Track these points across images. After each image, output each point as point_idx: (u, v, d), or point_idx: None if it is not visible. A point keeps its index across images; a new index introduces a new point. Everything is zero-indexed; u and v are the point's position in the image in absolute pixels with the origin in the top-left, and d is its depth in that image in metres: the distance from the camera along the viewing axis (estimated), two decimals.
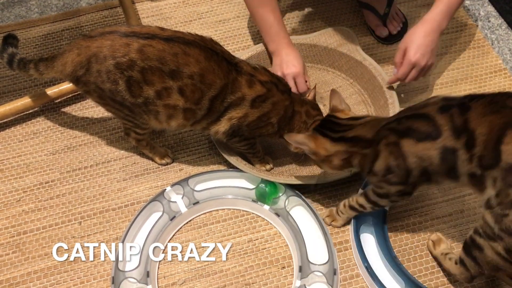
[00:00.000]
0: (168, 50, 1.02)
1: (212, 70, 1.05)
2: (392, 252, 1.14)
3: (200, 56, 1.04)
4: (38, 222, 1.26)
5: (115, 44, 1.02)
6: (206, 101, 1.08)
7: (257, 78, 1.12)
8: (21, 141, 1.41)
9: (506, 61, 1.58)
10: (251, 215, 1.26)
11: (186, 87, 1.05)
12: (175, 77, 1.04)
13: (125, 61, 1.02)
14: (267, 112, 1.14)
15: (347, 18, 1.68)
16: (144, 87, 1.04)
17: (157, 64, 1.02)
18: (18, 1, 1.77)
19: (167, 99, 1.06)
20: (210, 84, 1.06)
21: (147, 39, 1.02)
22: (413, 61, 1.25)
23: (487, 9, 1.73)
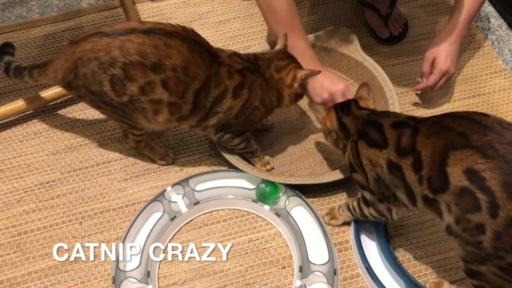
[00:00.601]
0: (148, 43, 1.01)
1: (195, 62, 1.04)
2: (393, 253, 1.14)
3: (183, 47, 1.03)
4: (38, 222, 1.26)
5: (97, 45, 1.02)
6: (191, 95, 1.07)
7: (234, 68, 1.11)
8: (22, 141, 1.41)
9: (506, 61, 1.58)
10: (251, 215, 1.26)
11: (169, 80, 1.04)
12: (157, 70, 1.02)
13: (106, 60, 1.02)
14: (247, 98, 1.13)
15: (348, 19, 1.68)
16: (127, 84, 1.04)
17: (138, 58, 1.01)
18: (19, 2, 1.77)
19: (151, 94, 1.05)
20: (193, 77, 1.05)
21: (127, 34, 1.02)
22: (445, 69, 1.32)
23: (487, 10, 1.73)
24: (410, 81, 1.52)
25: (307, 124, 1.42)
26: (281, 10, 1.25)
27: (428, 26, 1.66)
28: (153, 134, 1.40)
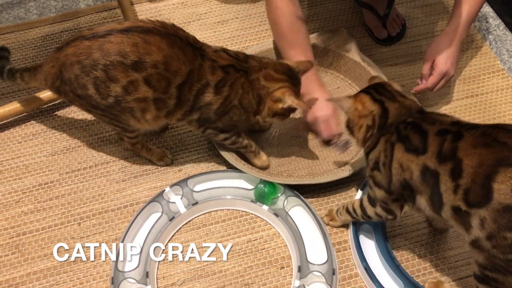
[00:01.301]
0: (127, 42, 1.01)
1: (176, 57, 1.04)
2: (391, 253, 1.15)
3: (162, 43, 1.03)
4: (37, 223, 1.26)
5: (78, 49, 1.03)
6: (174, 89, 1.07)
7: (218, 64, 1.10)
8: (20, 142, 1.41)
9: (503, 61, 1.59)
10: (250, 216, 1.26)
11: (152, 77, 1.04)
12: (138, 68, 1.02)
13: (88, 63, 1.02)
14: (227, 96, 1.12)
15: (346, 19, 1.69)
16: (111, 85, 1.04)
17: (118, 58, 1.01)
18: (17, 3, 1.77)
19: (135, 93, 1.05)
20: (175, 72, 1.05)
21: (106, 35, 1.02)
22: (445, 71, 1.32)
23: (485, 10, 1.74)
24: (408, 81, 1.52)
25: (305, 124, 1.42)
26: (283, 24, 1.27)
27: (426, 26, 1.67)
28: (151, 135, 1.41)
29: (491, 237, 0.85)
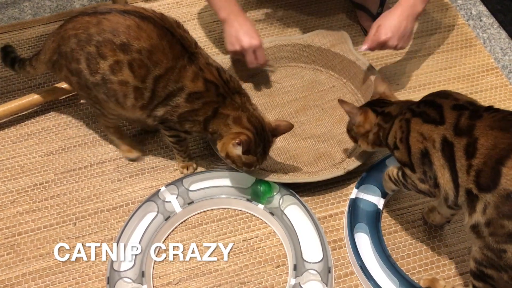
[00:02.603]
0: (122, 22, 1.04)
1: (162, 49, 1.06)
2: (386, 251, 1.15)
3: (153, 33, 1.05)
4: (32, 223, 1.25)
5: (78, 24, 1.07)
6: (151, 80, 1.08)
7: (204, 75, 1.10)
8: (15, 143, 1.40)
9: (497, 59, 1.59)
10: (245, 215, 1.26)
11: (135, 62, 1.06)
12: (125, 50, 1.04)
13: (84, 37, 1.06)
14: (196, 109, 1.12)
15: (341, 19, 1.69)
16: (100, 62, 1.06)
17: (109, 36, 1.04)
18: (12, 3, 1.76)
19: (119, 74, 1.07)
20: (156, 62, 1.06)
21: (105, 13, 1.06)
22: (381, 41, 1.28)
23: (479, 9, 1.74)
24: (403, 79, 1.53)
25: (300, 123, 1.43)
26: None
27: (420, 25, 1.67)
28: (144, 133, 1.41)
29: (489, 224, 0.85)
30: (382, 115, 1.10)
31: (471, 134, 0.87)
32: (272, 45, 1.51)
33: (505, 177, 0.81)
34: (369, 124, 1.12)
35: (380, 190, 1.24)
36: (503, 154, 0.82)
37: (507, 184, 0.81)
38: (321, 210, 1.26)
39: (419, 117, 0.97)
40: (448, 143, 0.90)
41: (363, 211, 1.21)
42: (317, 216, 1.24)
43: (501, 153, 0.82)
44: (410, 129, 0.97)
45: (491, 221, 0.84)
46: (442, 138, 0.91)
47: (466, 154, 0.87)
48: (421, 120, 0.96)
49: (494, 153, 0.83)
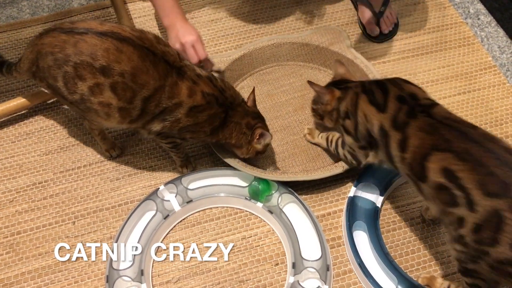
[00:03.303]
0: (100, 45, 1.02)
1: (146, 71, 1.04)
2: (385, 249, 1.15)
3: (133, 55, 1.03)
4: (31, 223, 1.26)
5: (55, 41, 1.05)
6: (139, 101, 1.07)
7: (200, 88, 1.10)
8: (14, 142, 1.41)
9: (495, 58, 1.60)
10: (244, 213, 1.26)
11: (118, 85, 1.04)
12: (106, 73, 1.03)
13: (61, 57, 1.04)
14: (201, 122, 1.14)
15: (339, 17, 1.69)
16: (78, 83, 1.05)
17: (88, 59, 1.02)
18: (10, 2, 1.76)
19: (100, 96, 1.06)
20: (142, 84, 1.05)
21: (82, 34, 1.03)
22: None
23: (477, 7, 1.75)
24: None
25: (299, 122, 1.43)
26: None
27: (418, 23, 1.67)
28: None
29: (443, 213, 0.95)
30: (343, 90, 1.18)
31: (404, 131, 0.98)
32: (270, 44, 1.51)
33: (431, 171, 0.92)
34: (335, 100, 1.18)
35: (378, 189, 1.24)
36: (427, 152, 0.94)
37: (434, 177, 0.92)
38: (320, 208, 1.26)
39: (366, 95, 1.08)
40: (384, 132, 1.02)
41: (362, 209, 1.21)
42: (316, 214, 1.25)
43: (425, 152, 0.94)
44: (357, 106, 1.08)
45: (442, 211, 0.94)
46: (380, 126, 1.03)
47: (399, 147, 0.99)
48: (367, 99, 1.07)
49: (420, 151, 0.95)
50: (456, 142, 0.92)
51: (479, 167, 0.88)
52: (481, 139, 0.92)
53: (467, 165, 0.88)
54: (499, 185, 0.86)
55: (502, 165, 0.87)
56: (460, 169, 0.89)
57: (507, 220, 0.83)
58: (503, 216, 0.84)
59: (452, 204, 0.90)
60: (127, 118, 1.11)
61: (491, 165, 0.87)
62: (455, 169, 0.89)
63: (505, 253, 0.85)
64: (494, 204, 0.85)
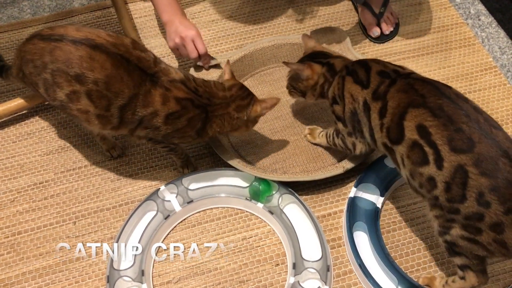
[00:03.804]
0: (74, 52, 1.02)
1: (120, 79, 1.03)
2: (385, 249, 1.15)
3: (106, 63, 1.02)
4: (32, 223, 1.26)
5: (34, 48, 1.05)
6: (116, 110, 1.06)
7: (173, 94, 1.09)
8: (15, 142, 1.41)
9: (496, 58, 1.60)
10: (245, 213, 1.27)
11: (93, 93, 1.03)
12: (80, 81, 1.02)
13: (39, 64, 1.04)
14: (182, 128, 1.13)
15: (339, 17, 1.69)
16: (56, 90, 1.05)
17: (63, 67, 1.02)
18: (11, 2, 1.77)
19: (77, 103, 1.05)
20: (117, 93, 1.04)
21: (57, 41, 1.03)
22: None
23: (477, 8, 1.75)
24: None
25: (299, 122, 1.43)
26: None
27: (418, 24, 1.68)
28: None
29: (412, 176, 0.97)
30: (327, 66, 1.19)
31: (384, 98, 1.02)
32: (271, 45, 1.51)
33: (407, 129, 0.96)
34: (317, 75, 1.20)
35: (378, 189, 1.24)
36: (404, 111, 0.97)
37: (409, 134, 0.95)
38: (320, 209, 1.27)
39: (351, 76, 1.11)
40: (367, 106, 1.05)
41: (362, 210, 1.21)
42: (316, 215, 1.25)
43: (402, 110, 0.97)
44: (344, 88, 1.11)
45: (412, 172, 0.97)
46: (364, 101, 1.06)
47: (379, 115, 1.02)
48: (352, 80, 1.10)
49: (398, 111, 0.98)
50: (431, 97, 0.96)
51: (449, 123, 0.91)
52: (453, 97, 0.96)
53: (439, 121, 0.92)
54: (465, 141, 0.89)
55: (470, 122, 0.91)
56: (432, 124, 0.93)
57: (470, 175, 0.88)
58: (467, 171, 0.88)
59: (423, 163, 0.94)
60: (108, 125, 1.10)
61: (460, 121, 0.91)
62: (427, 125, 0.93)
63: (471, 207, 0.89)
64: (459, 159, 0.89)
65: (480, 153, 0.88)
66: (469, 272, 0.99)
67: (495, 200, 0.86)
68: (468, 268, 0.99)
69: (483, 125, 0.90)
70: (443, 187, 0.92)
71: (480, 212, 0.88)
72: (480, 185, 0.87)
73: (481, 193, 0.87)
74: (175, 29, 1.31)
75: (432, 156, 0.92)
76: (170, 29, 1.32)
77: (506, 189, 0.86)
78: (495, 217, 0.87)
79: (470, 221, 0.90)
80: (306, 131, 1.37)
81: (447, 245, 0.99)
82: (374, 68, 1.08)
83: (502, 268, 1.16)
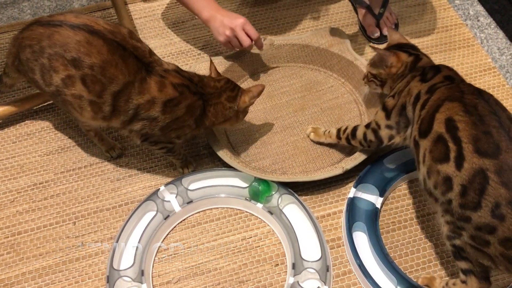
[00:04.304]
0: (72, 37, 1.03)
1: (114, 64, 1.04)
2: (384, 249, 1.16)
3: (103, 48, 1.04)
4: (32, 223, 1.26)
5: (33, 34, 1.07)
6: (109, 96, 1.07)
7: (169, 80, 1.10)
8: (15, 142, 1.41)
9: (495, 59, 1.60)
10: (244, 214, 1.27)
11: (87, 78, 1.05)
12: (76, 65, 1.04)
13: (37, 48, 1.05)
14: (181, 116, 1.13)
15: (339, 18, 1.70)
16: (53, 75, 1.06)
17: (60, 51, 1.03)
18: (11, 3, 1.77)
19: (72, 88, 1.06)
20: (111, 78, 1.05)
21: (57, 26, 1.05)
22: None
23: (476, 9, 1.75)
24: None
25: (299, 122, 1.43)
26: None
27: (418, 25, 1.68)
28: None
29: (429, 173, 0.95)
30: (415, 57, 1.18)
31: (432, 93, 1.01)
32: (271, 45, 1.51)
33: (436, 122, 0.95)
34: (401, 63, 1.18)
35: (378, 190, 1.25)
36: (440, 103, 0.96)
37: (437, 127, 0.94)
38: (320, 209, 1.27)
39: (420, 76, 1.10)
40: (418, 97, 1.05)
41: (361, 210, 1.21)
42: (316, 215, 1.25)
43: (439, 103, 0.97)
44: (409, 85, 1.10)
45: (429, 169, 0.95)
46: (418, 93, 1.05)
47: (421, 106, 1.02)
48: (419, 79, 1.09)
49: (435, 103, 0.97)
50: (469, 94, 0.95)
51: (479, 123, 0.90)
52: (492, 102, 0.95)
53: (469, 118, 0.90)
54: (491, 145, 0.87)
55: (500, 128, 0.89)
56: (461, 120, 0.91)
57: (491, 182, 0.85)
58: (488, 177, 0.85)
59: (443, 159, 0.92)
60: (99, 113, 1.10)
61: (490, 124, 0.89)
62: (457, 119, 0.92)
63: (484, 217, 0.86)
64: (481, 162, 0.86)
65: (504, 162, 0.85)
66: (472, 278, 0.98)
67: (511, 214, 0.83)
68: (472, 273, 0.98)
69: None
70: (459, 190, 0.89)
71: (492, 224, 0.85)
72: (499, 195, 0.84)
73: (498, 203, 0.84)
74: (221, 22, 1.32)
75: (454, 154, 0.90)
76: (215, 24, 1.32)
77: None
78: (508, 232, 0.84)
79: (480, 232, 0.88)
80: (309, 130, 1.37)
81: (454, 249, 0.97)
82: (444, 71, 1.08)
83: None
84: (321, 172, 1.26)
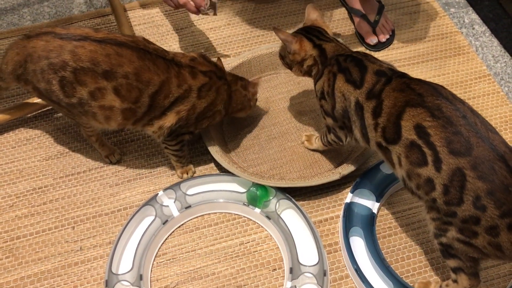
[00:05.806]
0: (101, 51, 1.06)
1: (147, 68, 1.09)
2: (381, 254, 1.17)
3: (133, 56, 1.08)
4: (31, 227, 1.26)
5: (49, 45, 1.06)
6: (146, 98, 1.11)
7: (198, 69, 1.17)
8: (14, 147, 1.42)
9: (490, 67, 1.62)
10: (242, 219, 1.28)
11: (121, 87, 1.08)
12: (109, 77, 1.06)
13: (57, 62, 1.06)
14: (213, 100, 1.20)
15: (336, 26, 1.72)
16: (77, 87, 1.07)
17: (89, 65, 1.05)
18: (11, 9, 1.78)
19: (101, 100, 1.08)
20: (147, 82, 1.09)
21: (80, 40, 1.06)
22: None
23: (471, 17, 1.77)
24: None
25: (296, 128, 1.44)
26: None
27: (414, 32, 1.70)
28: (143, 138, 1.42)
29: (409, 176, 0.97)
30: (319, 50, 1.17)
31: (379, 97, 1.01)
32: (269, 52, 1.53)
33: (404, 129, 0.95)
34: (304, 52, 1.18)
35: (374, 195, 1.26)
36: (401, 110, 0.96)
37: (406, 134, 0.95)
38: (317, 214, 1.28)
39: (343, 74, 1.09)
40: (359, 106, 1.05)
41: (358, 215, 1.23)
42: (313, 220, 1.26)
43: (399, 110, 0.97)
44: (335, 86, 1.10)
45: (409, 172, 0.97)
46: (356, 101, 1.05)
47: (373, 115, 1.02)
48: (344, 78, 1.08)
49: (394, 111, 0.98)
50: (429, 96, 0.96)
51: (448, 125, 0.92)
52: (450, 97, 0.96)
53: (438, 122, 0.92)
54: (463, 144, 0.90)
55: (468, 125, 0.91)
56: (431, 125, 0.92)
57: (468, 178, 0.89)
58: (465, 174, 0.89)
59: (422, 163, 0.93)
60: (131, 118, 1.14)
61: (458, 124, 0.91)
62: (426, 125, 0.93)
63: (468, 211, 0.90)
64: (457, 162, 0.90)
65: (477, 157, 0.89)
66: (462, 275, 1.01)
67: (491, 203, 0.87)
68: (461, 271, 1.01)
69: (480, 129, 0.91)
70: (442, 189, 0.92)
71: (476, 215, 0.89)
72: (477, 189, 0.88)
73: (477, 196, 0.88)
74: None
75: (431, 158, 0.92)
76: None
77: (501, 193, 0.87)
78: (491, 220, 0.88)
79: (467, 224, 0.91)
80: (304, 138, 1.39)
81: (442, 247, 1.00)
82: (371, 68, 1.07)
83: (497, 273, 1.17)
84: (319, 177, 1.27)
